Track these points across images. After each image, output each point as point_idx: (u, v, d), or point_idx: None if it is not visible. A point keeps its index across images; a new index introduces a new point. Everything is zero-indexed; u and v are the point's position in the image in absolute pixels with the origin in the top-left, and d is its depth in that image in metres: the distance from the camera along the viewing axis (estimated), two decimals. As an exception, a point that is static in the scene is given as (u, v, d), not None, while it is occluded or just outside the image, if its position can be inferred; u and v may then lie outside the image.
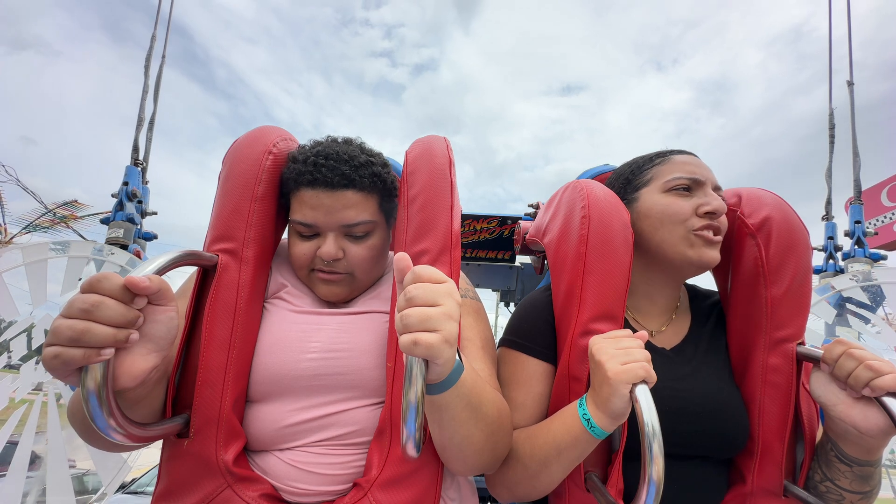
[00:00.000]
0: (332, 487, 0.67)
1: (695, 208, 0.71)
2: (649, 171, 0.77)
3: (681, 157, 0.76)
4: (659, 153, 0.79)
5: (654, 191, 0.75)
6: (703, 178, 0.73)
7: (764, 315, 0.71)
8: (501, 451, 0.65)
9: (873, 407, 0.57)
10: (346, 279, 0.75)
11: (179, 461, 0.64)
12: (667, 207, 0.73)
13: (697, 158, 0.77)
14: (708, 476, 0.71)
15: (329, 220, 0.72)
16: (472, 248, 1.49)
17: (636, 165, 0.81)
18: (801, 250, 0.72)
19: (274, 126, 0.80)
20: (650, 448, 0.51)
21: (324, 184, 0.71)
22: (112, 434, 0.48)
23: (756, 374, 0.71)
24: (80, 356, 0.43)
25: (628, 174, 0.81)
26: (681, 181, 0.73)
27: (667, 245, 0.72)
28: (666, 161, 0.77)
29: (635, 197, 0.78)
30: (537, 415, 0.72)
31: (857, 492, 0.64)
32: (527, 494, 0.68)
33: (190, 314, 0.67)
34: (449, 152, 0.78)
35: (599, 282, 0.68)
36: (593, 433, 0.58)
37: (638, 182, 0.78)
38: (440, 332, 0.46)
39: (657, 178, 0.76)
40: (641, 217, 0.76)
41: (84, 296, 0.45)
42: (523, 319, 0.80)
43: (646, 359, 0.56)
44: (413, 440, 0.48)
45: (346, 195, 0.72)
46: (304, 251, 0.74)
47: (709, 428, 0.69)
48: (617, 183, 0.83)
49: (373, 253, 0.76)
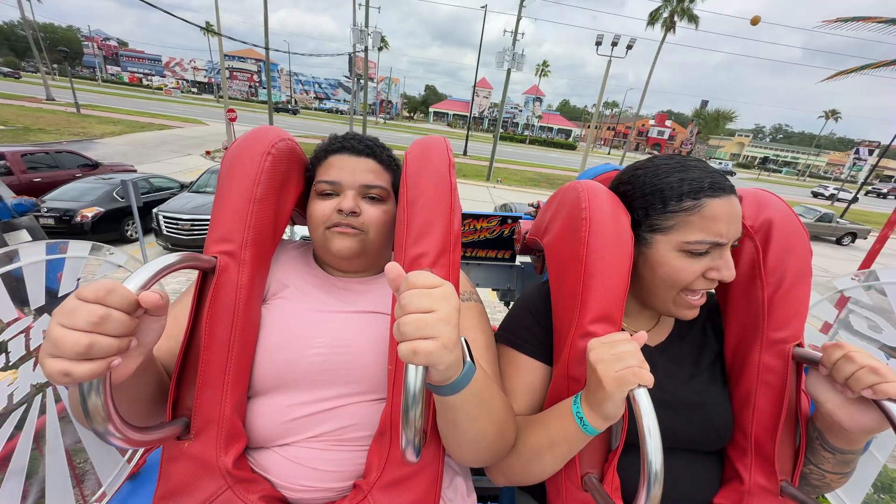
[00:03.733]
0: (332, 485, 0.68)
1: (703, 271, 0.68)
2: (675, 217, 0.68)
3: (714, 208, 0.66)
4: (693, 191, 0.67)
5: (670, 245, 0.69)
6: (726, 239, 0.67)
7: (761, 316, 0.73)
8: (510, 442, 0.67)
9: (860, 409, 0.60)
10: (360, 236, 0.79)
11: (180, 463, 0.65)
12: (676, 272, 0.69)
13: (733, 203, 0.67)
14: (696, 468, 0.74)
15: (352, 179, 0.80)
16: (472, 248, 1.49)
17: (662, 198, 0.70)
18: (799, 252, 0.73)
19: (273, 126, 0.81)
20: (650, 450, 0.52)
21: (350, 150, 0.83)
22: (112, 440, 0.48)
23: (751, 374, 0.73)
24: (89, 371, 0.43)
25: (650, 203, 0.71)
26: (702, 245, 0.67)
27: (658, 299, 0.74)
28: (696, 211, 0.67)
29: (649, 240, 0.72)
30: (526, 403, 0.75)
31: (838, 473, 0.70)
32: (521, 480, 0.70)
33: (191, 317, 0.67)
34: (449, 153, 0.78)
35: (598, 284, 0.68)
36: (586, 430, 0.60)
37: (658, 223, 0.70)
38: (438, 338, 0.46)
39: (679, 231, 0.68)
40: (648, 265, 0.72)
41: (92, 308, 0.44)
42: (516, 317, 0.83)
43: (641, 363, 0.57)
44: (413, 445, 0.48)
45: (368, 161, 0.83)
46: (324, 208, 0.79)
47: (693, 419, 0.73)
48: (634, 203, 0.74)
49: (386, 217, 0.82)
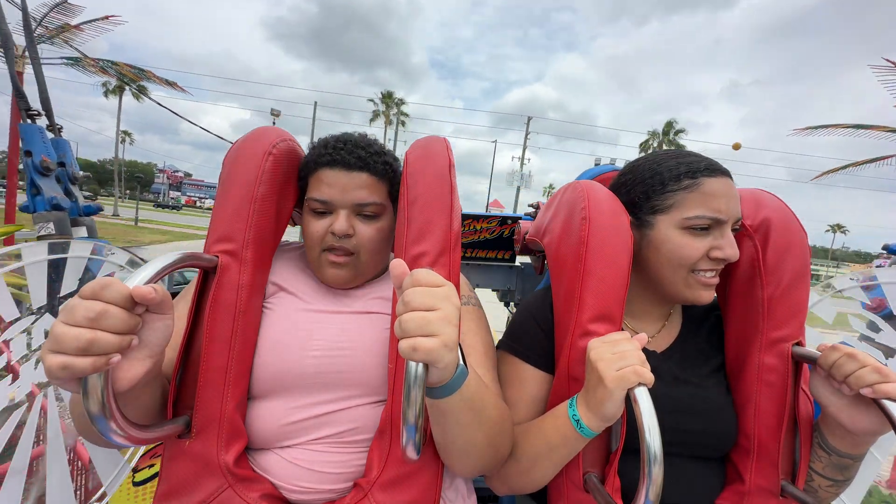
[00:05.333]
0: (332, 486, 0.68)
1: (707, 250, 0.69)
2: (673, 196, 0.70)
3: (711, 185, 0.68)
4: (690, 171, 0.70)
5: (671, 223, 0.71)
6: (726, 216, 0.68)
7: (760, 315, 0.73)
8: (503, 453, 0.66)
9: (861, 410, 0.60)
10: (352, 262, 0.78)
11: (180, 462, 0.65)
12: (679, 248, 0.70)
13: (729, 184, 0.70)
14: (700, 473, 0.73)
15: (343, 197, 0.76)
16: (472, 248, 1.49)
17: (661, 179, 0.72)
18: (798, 251, 0.73)
19: (274, 127, 0.81)
20: (650, 450, 0.52)
21: (341, 164, 0.76)
22: (113, 437, 0.48)
23: (752, 373, 0.72)
24: (90, 365, 0.44)
25: (650, 186, 0.74)
26: (702, 220, 0.68)
27: (667, 282, 0.73)
28: (694, 188, 0.69)
29: (651, 221, 0.73)
30: (529, 414, 0.74)
31: (829, 478, 0.68)
32: (521, 487, 0.70)
33: (191, 315, 0.67)
34: (449, 153, 0.78)
35: (598, 284, 0.68)
36: (582, 433, 0.60)
37: (658, 204, 0.72)
38: (439, 336, 0.46)
39: (679, 209, 0.70)
40: (651, 247, 0.73)
41: (89, 303, 0.44)
42: (520, 325, 0.81)
43: (641, 362, 0.57)
44: (413, 443, 0.48)
45: (361, 176, 0.77)
46: (318, 228, 0.77)
47: (697, 425, 0.71)
48: (635, 189, 0.76)
49: (380, 235, 0.80)
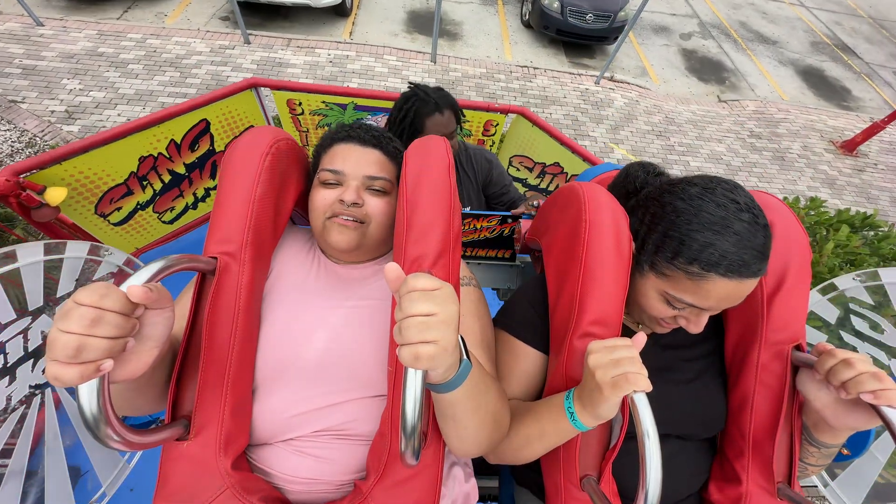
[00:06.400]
0: (334, 478, 0.69)
1: (675, 316, 0.70)
2: (675, 271, 0.65)
3: (716, 287, 0.62)
4: (709, 263, 0.61)
5: (656, 286, 0.68)
6: (710, 311, 0.66)
7: (760, 317, 0.73)
8: (506, 426, 0.69)
9: (847, 409, 0.63)
10: (360, 228, 0.79)
11: (179, 465, 0.64)
12: (649, 306, 0.71)
13: (743, 288, 0.62)
14: (687, 455, 0.77)
15: (356, 169, 0.80)
16: (472, 247, 1.49)
17: (677, 250, 0.64)
18: (799, 254, 0.74)
19: (272, 127, 0.80)
20: (649, 455, 0.53)
21: (356, 139, 0.83)
22: (110, 443, 0.48)
23: (750, 374, 0.74)
24: (77, 375, 0.43)
25: (665, 243, 0.66)
26: (682, 304, 0.66)
27: (634, 314, 0.78)
28: (696, 281, 0.63)
29: (643, 269, 0.70)
30: (519, 388, 0.78)
31: (821, 465, 0.77)
32: (512, 460, 0.73)
33: (190, 318, 0.66)
34: (448, 154, 0.78)
35: (597, 286, 0.68)
36: (576, 426, 0.62)
37: (658, 265, 0.67)
38: (439, 341, 0.46)
39: (670, 282, 0.66)
40: (631, 283, 0.72)
41: (84, 310, 0.44)
42: (513, 304, 0.86)
43: (639, 369, 0.57)
44: (412, 448, 0.48)
45: (374, 153, 0.83)
46: (326, 197, 0.79)
47: (687, 405, 0.76)
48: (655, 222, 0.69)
49: (388, 209, 0.82)
